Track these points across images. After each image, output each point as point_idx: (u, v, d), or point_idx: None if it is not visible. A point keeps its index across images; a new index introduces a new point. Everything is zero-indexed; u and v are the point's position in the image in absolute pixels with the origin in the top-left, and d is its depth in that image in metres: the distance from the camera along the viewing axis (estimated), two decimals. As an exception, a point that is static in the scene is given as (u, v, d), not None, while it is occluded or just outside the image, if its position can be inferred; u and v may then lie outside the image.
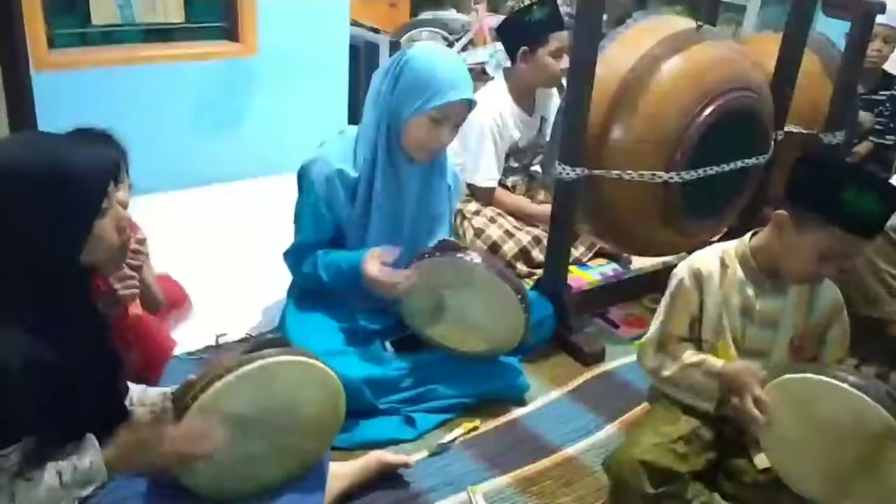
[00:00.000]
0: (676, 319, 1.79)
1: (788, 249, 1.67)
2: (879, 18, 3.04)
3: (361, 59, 3.85)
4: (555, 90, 3.14)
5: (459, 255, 2.04)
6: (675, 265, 1.86)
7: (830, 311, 1.78)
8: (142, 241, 1.90)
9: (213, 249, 2.84)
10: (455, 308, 2.11)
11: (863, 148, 3.63)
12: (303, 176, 2.12)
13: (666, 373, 1.79)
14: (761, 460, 1.74)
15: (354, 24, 3.93)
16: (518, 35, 2.95)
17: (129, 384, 1.59)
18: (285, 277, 2.27)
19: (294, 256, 2.19)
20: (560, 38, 2.89)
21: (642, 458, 1.64)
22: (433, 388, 2.13)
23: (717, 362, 1.73)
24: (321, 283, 2.14)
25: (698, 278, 1.77)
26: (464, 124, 2.04)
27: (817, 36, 3.19)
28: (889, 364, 2.08)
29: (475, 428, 2.08)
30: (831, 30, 3.15)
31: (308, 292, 2.23)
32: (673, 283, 1.81)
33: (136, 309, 1.83)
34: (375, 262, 2.03)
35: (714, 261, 1.77)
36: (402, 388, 2.11)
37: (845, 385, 1.48)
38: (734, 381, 1.66)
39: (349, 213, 2.13)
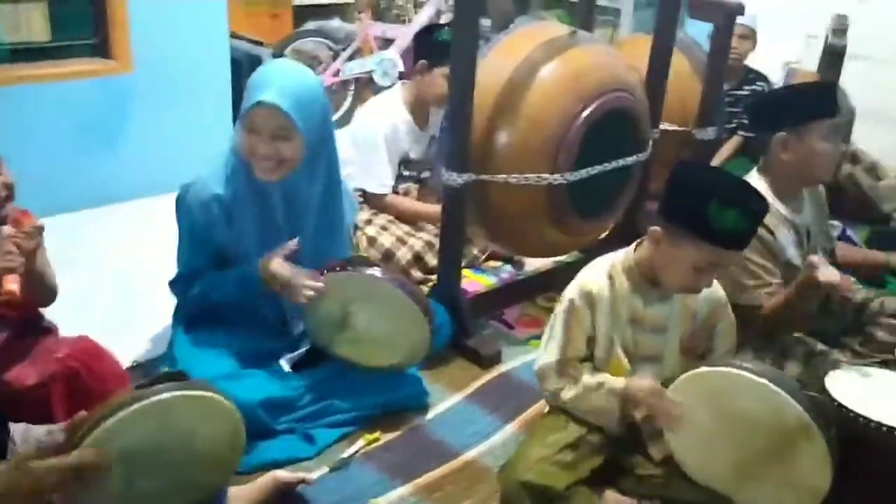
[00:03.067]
0: (573, 341, 1.84)
1: (665, 263, 1.74)
2: (747, 13, 3.23)
3: (244, 72, 3.77)
4: None
5: (367, 270, 2.03)
6: (568, 263, 1.91)
7: (714, 307, 1.87)
8: (39, 228, 1.74)
9: (93, 275, 2.72)
10: (361, 323, 2.10)
11: (733, 142, 3.82)
12: (180, 203, 2.07)
13: (567, 396, 1.84)
14: (657, 451, 1.81)
15: (235, 36, 3.85)
16: (424, 48, 2.99)
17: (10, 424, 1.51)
18: (171, 302, 2.20)
19: (179, 285, 2.14)
20: None
21: (523, 479, 1.70)
22: (332, 403, 2.11)
23: (617, 382, 1.78)
24: (212, 302, 2.08)
25: (589, 298, 1.81)
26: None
27: (685, 38, 3.36)
28: (756, 349, 2.19)
29: (376, 440, 2.07)
30: (697, 32, 3.32)
31: (197, 316, 2.17)
32: (564, 305, 1.85)
33: (11, 285, 1.60)
34: (276, 258, 1.99)
35: (602, 277, 1.82)
36: (300, 406, 2.08)
37: (764, 380, 1.55)
38: (637, 395, 1.73)
39: (228, 237, 2.08)
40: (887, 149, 3.88)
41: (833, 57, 3.04)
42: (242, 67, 3.80)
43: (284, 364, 2.17)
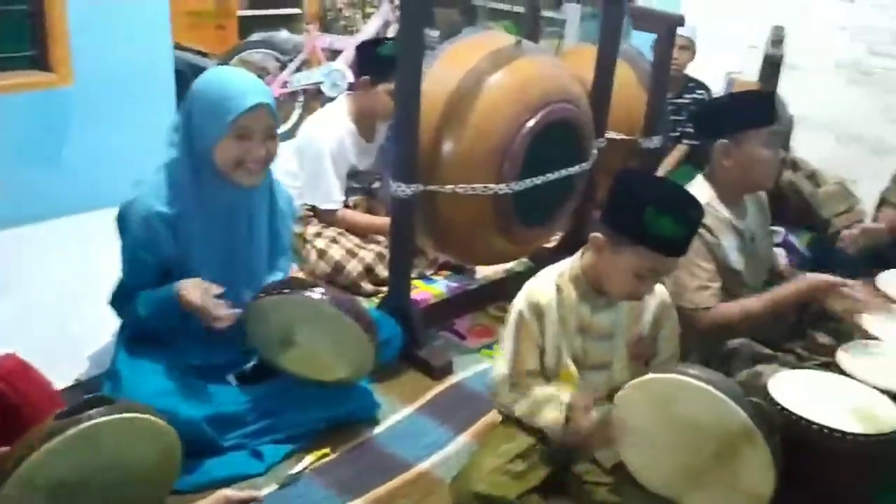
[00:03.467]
0: (524, 354, 1.84)
1: (608, 270, 1.76)
2: (688, 24, 3.30)
3: (189, 84, 3.71)
4: None
5: (306, 292, 1.99)
6: (519, 272, 1.91)
7: (659, 312, 1.89)
8: None
9: (33, 292, 2.64)
10: (304, 341, 2.07)
11: (679, 151, 3.89)
12: (121, 219, 2.03)
13: (519, 410, 1.85)
14: (607, 458, 1.82)
15: (179, 48, 3.80)
16: (366, 63, 2.96)
17: None
18: (113, 319, 2.15)
19: (118, 301, 2.10)
20: None
21: (475, 490, 1.70)
22: (281, 418, 2.08)
23: (564, 397, 1.79)
24: (142, 320, 2.04)
25: (537, 309, 1.82)
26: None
27: (629, 48, 3.41)
28: (702, 354, 2.23)
29: (326, 454, 2.05)
30: (641, 42, 3.37)
31: (141, 332, 2.11)
32: (513, 317, 1.85)
33: None
34: (196, 289, 1.96)
35: (549, 287, 1.83)
36: (248, 421, 2.04)
37: (709, 387, 1.56)
38: (574, 417, 1.75)
39: (173, 253, 2.04)
40: (826, 157, 3.99)
41: (771, 67, 3.12)
42: (187, 79, 3.73)
43: (232, 379, 2.14)
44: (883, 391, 1.89)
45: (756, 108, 2.21)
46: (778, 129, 2.21)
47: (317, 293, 1.99)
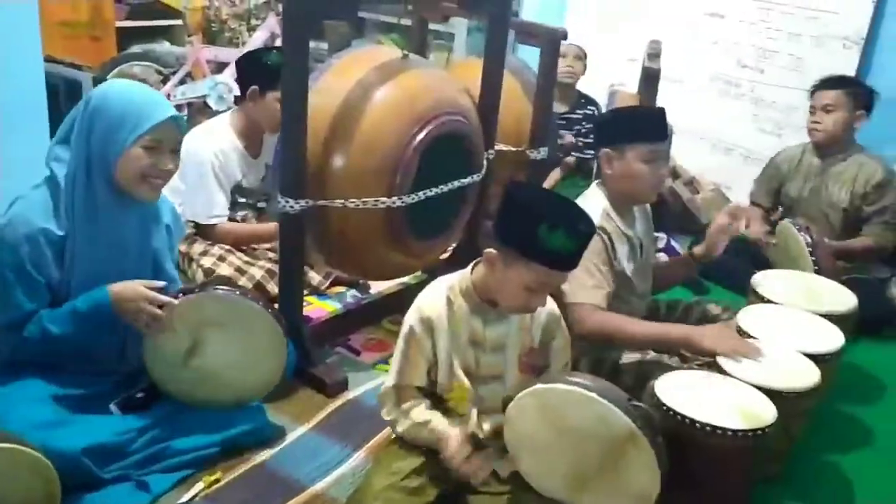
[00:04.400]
0: (412, 369, 1.83)
1: (500, 283, 1.76)
2: (571, 38, 3.38)
3: (61, 98, 3.55)
4: None
5: (237, 291, 1.98)
6: (413, 285, 1.90)
7: (550, 323, 1.91)
8: None
9: None
10: (212, 351, 2.01)
11: (567, 163, 3.99)
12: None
13: (400, 428, 1.84)
14: (503, 468, 1.83)
15: (51, 60, 3.61)
16: (252, 73, 2.88)
17: None
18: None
19: (9, 332, 1.95)
20: None
21: None
22: (168, 446, 1.99)
23: (440, 425, 1.79)
24: (50, 340, 1.92)
25: (428, 323, 1.81)
26: (183, 158, 1.91)
27: (515, 61, 3.48)
28: (590, 358, 2.29)
29: (217, 480, 1.97)
30: (529, 56, 3.43)
31: (15, 361, 1.98)
32: (404, 331, 1.83)
33: None
34: (133, 287, 1.92)
35: (440, 301, 1.83)
36: (133, 450, 1.94)
37: (592, 394, 1.59)
38: (443, 447, 1.75)
39: (58, 275, 1.94)
40: (703, 164, 4.19)
41: (649, 79, 3.25)
42: (60, 93, 3.57)
43: (114, 408, 2.03)
44: (759, 388, 1.99)
45: (638, 124, 2.27)
46: (660, 148, 2.26)
47: (246, 293, 1.99)
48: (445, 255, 3.04)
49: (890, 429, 2.53)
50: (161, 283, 1.98)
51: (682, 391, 1.96)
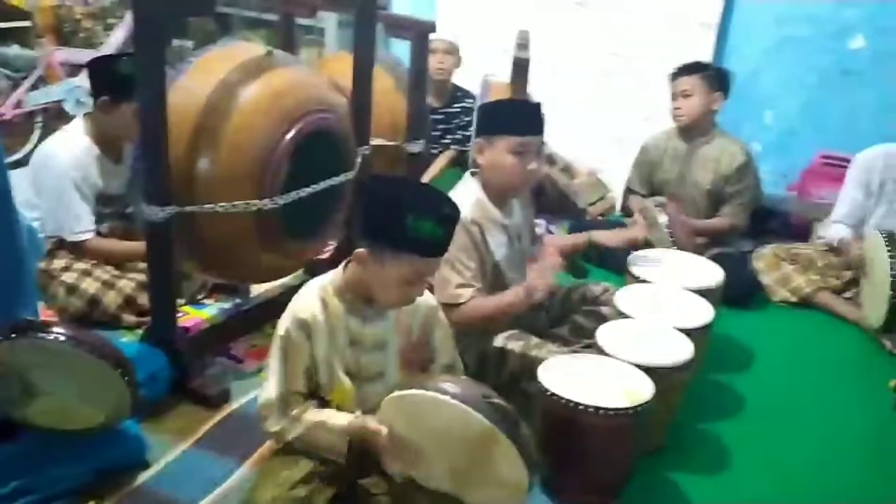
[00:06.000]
0: (293, 375, 1.77)
1: (375, 281, 1.73)
2: (443, 30, 3.38)
3: None
4: None
5: (39, 334, 1.79)
6: (295, 286, 1.84)
7: (428, 316, 1.90)
8: None
9: None
10: (48, 388, 1.87)
11: (445, 156, 4.00)
12: None
13: (292, 436, 1.78)
14: (392, 468, 1.81)
15: None
16: (102, 82, 2.70)
17: None
18: None
19: None
20: None
21: None
22: (39, 476, 1.87)
23: (339, 419, 1.76)
24: None
25: (304, 327, 1.75)
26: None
27: (387, 55, 3.45)
28: (475, 349, 2.30)
29: (93, 508, 1.87)
30: (402, 50, 3.40)
31: None
32: (280, 337, 1.77)
33: None
34: None
35: (315, 302, 1.78)
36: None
37: (446, 397, 1.58)
38: (361, 434, 1.73)
39: None
40: (577, 150, 4.29)
41: (519, 69, 3.28)
42: None
43: (-28, 444, 1.89)
44: (637, 366, 2.05)
45: (512, 117, 2.27)
46: (529, 141, 2.25)
47: (51, 334, 1.80)
48: (326, 254, 2.99)
49: (760, 393, 2.66)
50: None
51: (566, 375, 2.00)
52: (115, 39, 4.29)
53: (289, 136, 2.31)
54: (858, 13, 3.83)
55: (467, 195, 2.25)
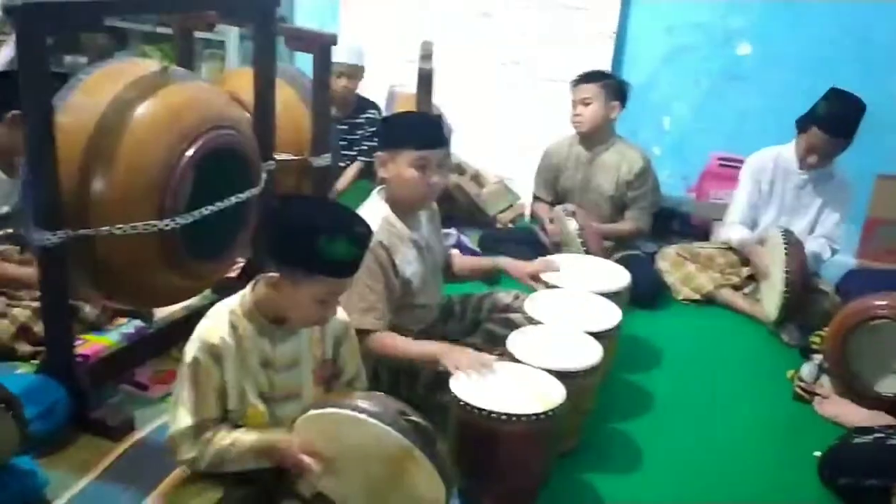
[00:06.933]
0: (205, 403, 1.71)
1: (289, 302, 1.70)
2: (339, 57, 3.35)
3: None
4: None
5: None
6: (201, 308, 1.78)
7: (339, 332, 1.88)
8: None
9: None
10: None
11: (353, 168, 3.97)
12: None
13: (205, 463, 1.72)
14: (306, 487, 1.77)
15: None
16: (6, 94, 2.56)
17: None
18: None
19: None
20: None
21: None
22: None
23: (247, 439, 1.71)
24: None
25: (214, 351, 1.70)
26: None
27: (289, 69, 3.40)
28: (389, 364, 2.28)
29: (-14, 554, 1.76)
30: (306, 64, 3.36)
31: None
32: (188, 364, 1.71)
33: None
34: None
35: (223, 326, 1.72)
36: None
37: (362, 415, 1.57)
38: (273, 452, 1.70)
39: None
40: (486, 159, 4.33)
41: (423, 80, 3.29)
42: None
43: None
44: (549, 371, 2.07)
45: (412, 130, 2.26)
46: (432, 155, 2.25)
47: None
48: (234, 273, 2.92)
49: (668, 390, 2.74)
50: None
51: (479, 385, 2.00)
52: (2, 57, 4.08)
53: (188, 153, 2.25)
54: (744, 21, 4.01)
55: (374, 215, 2.21)
